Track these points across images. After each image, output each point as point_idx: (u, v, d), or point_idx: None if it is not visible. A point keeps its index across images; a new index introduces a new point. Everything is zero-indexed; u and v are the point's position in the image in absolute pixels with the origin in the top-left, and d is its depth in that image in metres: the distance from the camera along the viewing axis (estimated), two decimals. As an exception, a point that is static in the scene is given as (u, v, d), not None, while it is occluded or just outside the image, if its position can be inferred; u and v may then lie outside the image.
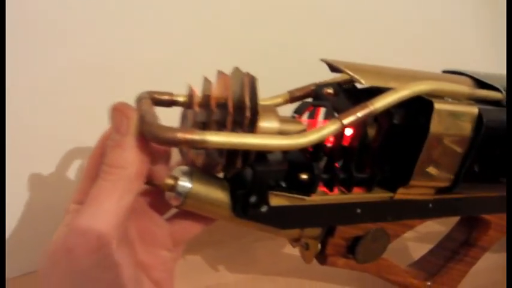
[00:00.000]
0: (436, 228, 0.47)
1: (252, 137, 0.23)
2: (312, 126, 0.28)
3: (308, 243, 0.34)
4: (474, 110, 0.29)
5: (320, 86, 0.31)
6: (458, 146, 0.29)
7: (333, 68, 0.29)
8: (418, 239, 0.54)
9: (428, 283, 0.41)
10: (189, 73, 0.28)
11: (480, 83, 0.32)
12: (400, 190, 0.31)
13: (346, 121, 0.25)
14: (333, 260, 0.34)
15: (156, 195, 0.28)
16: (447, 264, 0.42)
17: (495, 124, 0.30)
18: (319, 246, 0.33)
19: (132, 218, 0.26)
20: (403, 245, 0.54)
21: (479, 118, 0.29)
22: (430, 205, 0.34)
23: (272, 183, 0.28)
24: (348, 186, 0.29)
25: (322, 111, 0.31)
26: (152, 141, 0.21)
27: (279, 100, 0.32)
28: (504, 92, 0.30)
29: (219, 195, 0.26)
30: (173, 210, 0.30)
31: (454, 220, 0.44)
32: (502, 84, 0.32)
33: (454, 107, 0.28)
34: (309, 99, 0.32)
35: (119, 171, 0.21)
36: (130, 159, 0.21)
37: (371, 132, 0.30)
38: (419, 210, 0.34)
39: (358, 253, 0.34)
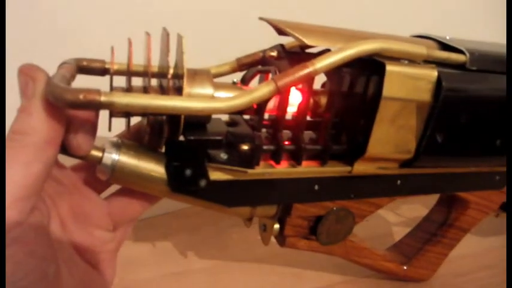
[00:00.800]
0: (423, 212, 0.44)
1: (169, 99, 0.21)
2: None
3: (265, 223, 0.32)
4: (433, 73, 0.26)
5: (265, 51, 0.29)
6: (416, 113, 0.27)
7: (279, 31, 0.27)
8: (404, 224, 0.52)
9: (405, 267, 0.39)
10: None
11: (446, 47, 0.30)
12: (359, 163, 0.28)
13: (281, 83, 0.23)
14: (292, 241, 0.32)
15: (90, 170, 0.26)
16: (425, 246, 0.39)
17: (457, 89, 0.27)
18: (277, 226, 0.31)
19: (63, 194, 0.24)
20: (388, 231, 0.51)
21: (438, 82, 0.26)
22: (399, 182, 0.32)
23: (213, 156, 0.26)
24: (297, 159, 0.27)
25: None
26: (55, 104, 0.19)
27: (226, 68, 0.30)
28: (468, 54, 0.28)
29: (152, 168, 0.25)
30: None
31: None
32: (470, 46, 0.29)
33: (410, 70, 0.26)
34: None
35: (23, 137, 0.20)
36: (36, 125, 0.20)
37: (322, 100, 0.28)
38: (386, 188, 0.32)
39: (321, 234, 0.32)
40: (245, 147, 0.26)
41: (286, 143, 0.27)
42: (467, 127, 0.29)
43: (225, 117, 0.29)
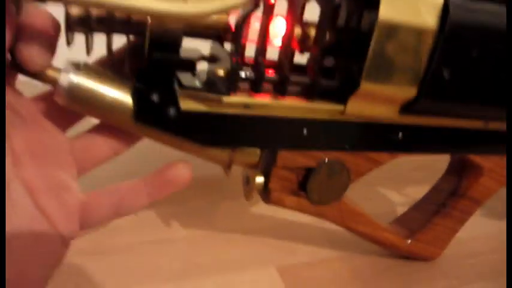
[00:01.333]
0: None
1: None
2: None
3: (248, 175, 0.29)
4: (438, -2, 0.23)
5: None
6: (420, 43, 0.23)
7: None
8: (409, 205, 0.48)
9: (409, 241, 0.35)
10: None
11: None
12: (353, 101, 0.25)
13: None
14: (278, 197, 0.28)
15: (52, 102, 0.23)
16: (432, 219, 0.35)
17: (466, 16, 0.23)
18: (260, 179, 0.28)
19: (19, 126, 0.21)
20: (392, 210, 0.47)
21: (445, 7, 0.23)
22: (401, 134, 0.28)
23: (185, 82, 0.23)
24: (281, 91, 0.24)
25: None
26: None
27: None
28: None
29: (114, 92, 0.22)
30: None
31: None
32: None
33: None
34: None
35: None
36: None
37: (312, 32, 0.25)
38: (386, 140, 0.28)
39: (311, 190, 0.29)
40: (220, 71, 0.23)
41: (270, 72, 0.24)
42: (479, 63, 0.25)
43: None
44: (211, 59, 0.25)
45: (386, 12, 0.22)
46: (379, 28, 0.22)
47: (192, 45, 0.25)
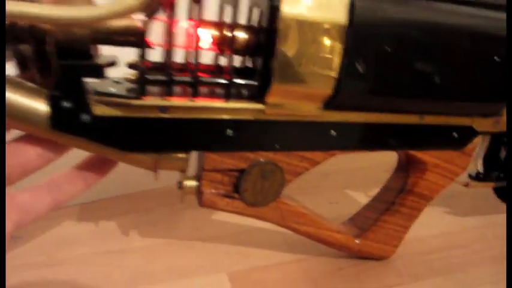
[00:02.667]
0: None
1: (20, 4, 0.18)
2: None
3: (181, 180, 0.29)
4: (343, -11, 0.23)
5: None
6: (330, 37, 0.24)
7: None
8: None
9: (357, 240, 0.35)
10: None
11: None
12: (272, 97, 0.25)
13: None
14: (211, 199, 0.28)
15: None
16: (381, 217, 0.35)
17: (374, 8, 0.24)
18: (190, 183, 0.28)
19: None
20: (360, 214, 0.47)
21: (351, 1, 0.23)
22: (333, 132, 0.29)
23: (97, 88, 0.23)
24: (194, 92, 0.24)
25: None
26: None
27: None
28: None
29: (30, 101, 0.22)
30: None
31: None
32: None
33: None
34: None
35: None
36: None
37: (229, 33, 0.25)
38: (319, 139, 0.28)
39: (245, 192, 0.29)
40: (130, 76, 0.23)
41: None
42: (393, 55, 0.25)
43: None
44: (133, 65, 0.26)
45: (290, 8, 0.23)
46: (283, 25, 0.23)
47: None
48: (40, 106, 0.22)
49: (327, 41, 0.24)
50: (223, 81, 0.25)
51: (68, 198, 0.26)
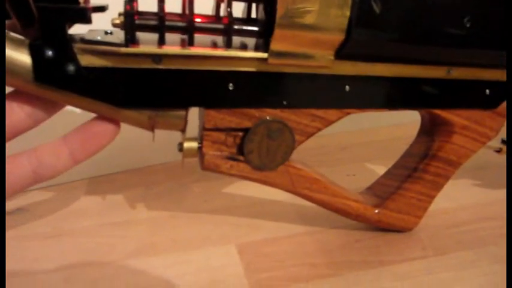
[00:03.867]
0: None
1: None
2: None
3: (181, 142, 0.27)
4: None
5: None
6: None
7: None
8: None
9: (377, 210, 0.32)
10: None
11: None
12: (276, 43, 0.22)
13: None
14: (213, 161, 0.26)
15: None
16: (403, 185, 0.32)
17: None
18: (190, 145, 0.26)
19: None
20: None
21: None
22: (347, 87, 0.26)
23: (82, 37, 0.21)
24: (189, 38, 0.22)
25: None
26: None
27: None
28: None
29: (12, 52, 0.20)
30: None
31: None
32: None
33: None
34: None
35: None
36: None
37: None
38: (331, 94, 0.26)
39: (250, 153, 0.26)
40: (116, 21, 0.21)
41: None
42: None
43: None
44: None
45: None
46: None
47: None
48: (22, 57, 0.20)
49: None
50: (220, 26, 0.22)
51: (50, 174, 0.23)
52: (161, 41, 0.22)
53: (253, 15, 0.26)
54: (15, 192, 0.23)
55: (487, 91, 0.29)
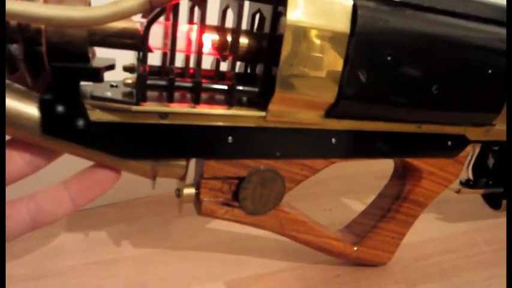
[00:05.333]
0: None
1: (13, 3, 0.17)
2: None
3: (179, 187, 0.28)
4: (347, 1, 0.23)
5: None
6: (335, 46, 0.24)
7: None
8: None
9: (356, 248, 0.35)
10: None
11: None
12: (274, 105, 0.25)
13: (156, -4, 0.19)
14: (210, 207, 0.28)
15: None
16: (378, 224, 0.35)
17: (375, 19, 0.24)
18: (189, 191, 0.28)
19: None
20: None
21: (354, 11, 0.23)
22: (334, 140, 0.28)
23: (93, 93, 0.22)
24: (195, 98, 0.24)
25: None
26: None
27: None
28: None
29: (20, 104, 0.21)
30: None
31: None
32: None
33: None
34: None
35: None
36: None
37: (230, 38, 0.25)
38: (319, 146, 0.28)
39: (244, 200, 0.28)
40: (128, 80, 0.22)
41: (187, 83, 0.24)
42: (394, 66, 0.25)
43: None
44: (130, 69, 0.25)
45: (295, 15, 0.22)
46: (289, 32, 0.22)
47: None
48: (30, 110, 0.21)
49: (330, 50, 0.24)
50: (224, 87, 0.24)
51: (50, 220, 0.23)
52: (170, 99, 0.23)
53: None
54: (12, 239, 0.23)
55: (449, 143, 0.33)
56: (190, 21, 0.25)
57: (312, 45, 0.23)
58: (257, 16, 0.27)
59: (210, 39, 0.24)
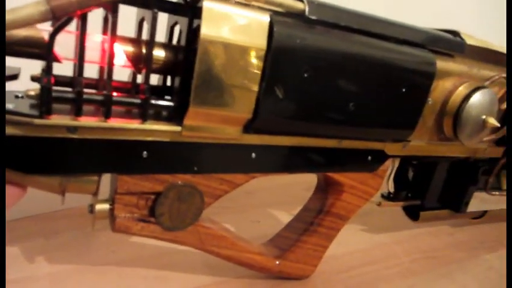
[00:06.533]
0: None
1: None
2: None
3: (92, 203, 0.27)
4: (264, 17, 0.24)
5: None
6: (249, 61, 0.24)
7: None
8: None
9: (278, 261, 0.35)
10: None
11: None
12: (190, 119, 0.24)
13: (56, 2, 0.18)
14: (124, 224, 0.27)
15: None
16: (301, 238, 0.35)
17: (292, 36, 0.24)
18: (102, 207, 0.26)
19: None
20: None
21: (270, 27, 0.24)
22: (254, 155, 0.29)
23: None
24: (105, 112, 0.23)
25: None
26: None
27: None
28: (307, 2, 0.25)
29: None
30: None
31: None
32: None
33: (236, 10, 0.23)
34: None
35: None
36: None
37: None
38: (239, 161, 0.28)
39: (161, 215, 0.27)
40: (31, 92, 0.21)
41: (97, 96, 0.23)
42: (311, 82, 0.26)
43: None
44: (38, 79, 0.24)
45: (210, 29, 0.22)
46: (203, 46, 0.22)
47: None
48: None
49: (246, 65, 0.24)
50: (137, 101, 0.24)
51: None
52: (78, 113, 0.22)
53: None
54: None
55: (369, 157, 0.34)
56: (105, 31, 0.25)
57: (227, 60, 0.23)
58: (176, 28, 0.26)
59: (123, 50, 0.23)
